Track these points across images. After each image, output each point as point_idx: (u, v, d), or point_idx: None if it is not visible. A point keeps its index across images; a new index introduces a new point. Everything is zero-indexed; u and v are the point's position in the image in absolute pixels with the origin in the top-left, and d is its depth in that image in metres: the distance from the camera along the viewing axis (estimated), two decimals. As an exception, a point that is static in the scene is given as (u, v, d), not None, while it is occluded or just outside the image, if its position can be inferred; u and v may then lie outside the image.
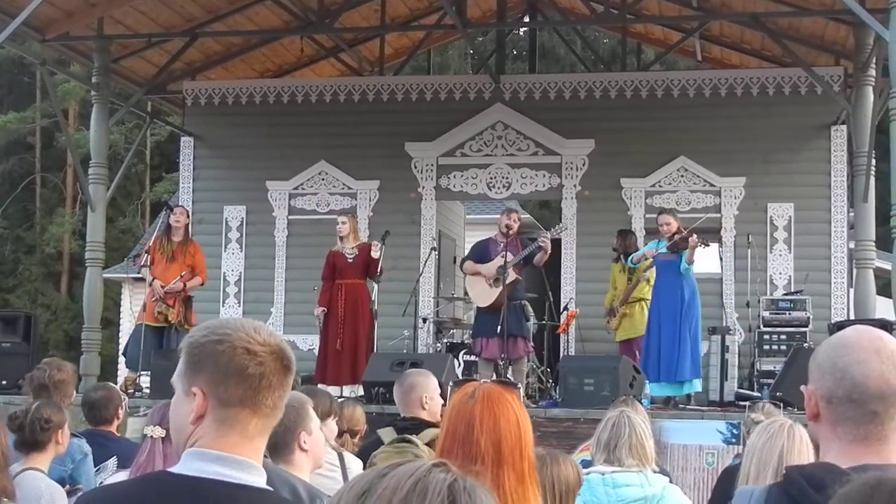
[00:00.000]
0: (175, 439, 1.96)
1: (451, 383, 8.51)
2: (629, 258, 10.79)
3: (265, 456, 2.04)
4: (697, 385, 10.20)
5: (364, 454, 4.46)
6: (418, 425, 4.37)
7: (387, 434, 4.31)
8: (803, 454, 3.37)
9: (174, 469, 1.87)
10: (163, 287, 10.68)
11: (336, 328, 10.68)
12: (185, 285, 10.79)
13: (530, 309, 10.91)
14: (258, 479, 1.87)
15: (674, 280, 10.04)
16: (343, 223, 10.95)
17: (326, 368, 10.65)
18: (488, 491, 1.27)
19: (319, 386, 9.77)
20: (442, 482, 1.24)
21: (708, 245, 10.13)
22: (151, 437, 3.81)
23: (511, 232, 10.44)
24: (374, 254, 10.55)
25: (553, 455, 3.48)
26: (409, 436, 4.09)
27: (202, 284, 11.20)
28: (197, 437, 1.88)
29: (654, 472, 4.19)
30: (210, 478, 1.82)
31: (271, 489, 1.90)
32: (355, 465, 4.38)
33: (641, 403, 6.76)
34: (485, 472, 2.36)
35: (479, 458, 2.39)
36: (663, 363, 10.00)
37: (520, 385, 9.80)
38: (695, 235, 9.84)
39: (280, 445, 3.18)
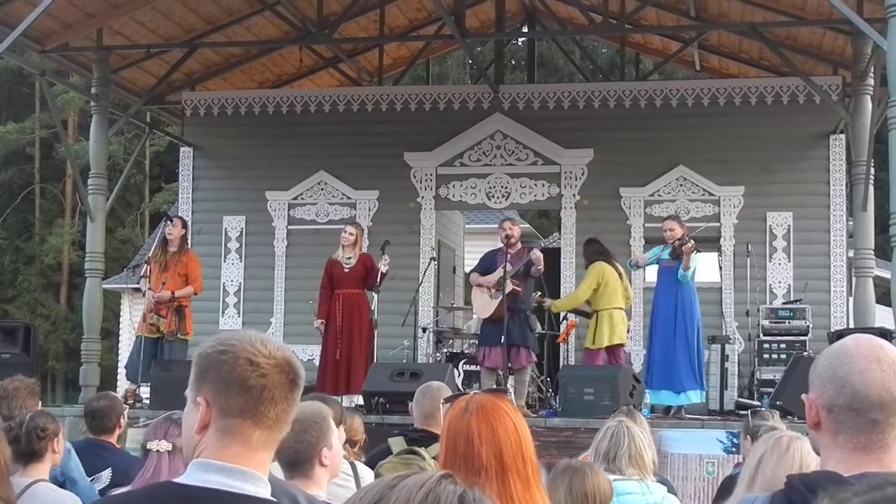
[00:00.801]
0: (185, 449, 1.97)
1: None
2: (629, 262, 10.80)
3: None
4: (694, 396, 10.08)
5: (372, 462, 4.46)
6: (429, 437, 4.37)
7: (397, 444, 4.31)
8: (782, 469, 3.31)
9: (178, 479, 1.87)
10: (153, 296, 10.67)
11: (335, 338, 10.67)
12: (173, 293, 10.74)
13: (536, 319, 10.91)
14: (262, 491, 1.87)
15: (672, 287, 10.03)
16: (350, 234, 10.90)
17: (325, 378, 10.65)
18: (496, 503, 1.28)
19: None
20: (453, 493, 1.25)
21: (699, 251, 10.11)
22: (158, 451, 3.78)
23: (512, 241, 10.42)
24: (383, 268, 10.54)
25: (591, 467, 3.62)
26: (418, 448, 4.09)
27: (196, 294, 11.14)
28: (202, 447, 1.89)
29: (654, 481, 4.20)
30: (214, 488, 1.82)
31: (275, 500, 1.90)
32: (367, 475, 4.37)
33: (641, 413, 6.76)
34: (489, 482, 2.36)
35: (483, 470, 2.39)
36: (658, 370, 9.98)
37: (510, 393, 9.75)
38: (691, 242, 9.83)
39: (301, 461, 3.15)
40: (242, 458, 1.87)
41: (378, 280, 10.63)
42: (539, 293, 10.86)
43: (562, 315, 12.25)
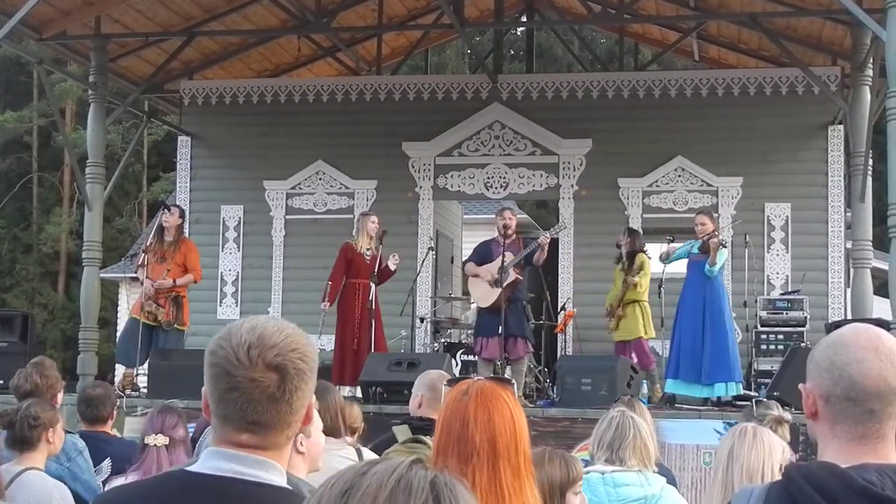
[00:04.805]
0: None
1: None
2: (660, 255, 10.73)
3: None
4: (721, 389, 9.95)
5: (378, 450, 4.45)
6: (433, 426, 4.36)
7: (401, 432, 4.30)
8: (754, 455, 3.52)
9: (191, 468, 1.86)
10: (152, 285, 10.59)
11: (353, 328, 10.52)
12: (174, 282, 10.69)
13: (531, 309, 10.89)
14: (276, 478, 1.84)
15: (700, 281, 10.03)
16: (377, 224, 10.81)
17: (344, 369, 10.43)
18: (467, 487, 1.28)
19: (338, 387, 9.73)
20: (424, 478, 1.25)
21: (725, 246, 10.16)
22: (155, 445, 3.76)
23: (510, 231, 10.41)
24: (392, 266, 10.50)
25: (549, 454, 3.49)
26: (423, 436, 4.08)
27: (196, 282, 11.08)
28: (213, 436, 1.89)
29: (654, 471, 4.19)
30: (227, 476, 1.81)
31: (291, 489, 1.87)
32: None
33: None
34: (480, 467, 2.36)
35: (475, 455, 2.39)
36: (686, 362, 9.97)
37: (513, 383, 9.74)
38: (719, 237, 9.88)
39: None
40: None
41: (377, 273, 10.57)
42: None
43: (560, 305, 12.27)
